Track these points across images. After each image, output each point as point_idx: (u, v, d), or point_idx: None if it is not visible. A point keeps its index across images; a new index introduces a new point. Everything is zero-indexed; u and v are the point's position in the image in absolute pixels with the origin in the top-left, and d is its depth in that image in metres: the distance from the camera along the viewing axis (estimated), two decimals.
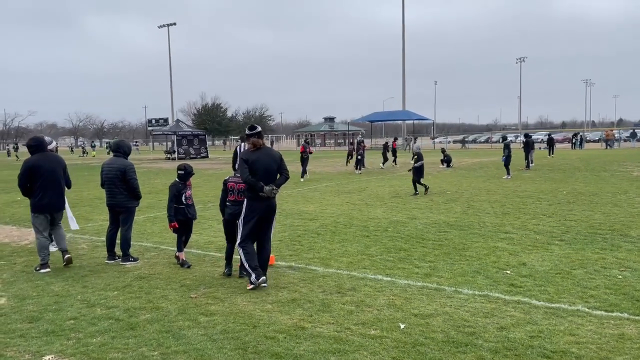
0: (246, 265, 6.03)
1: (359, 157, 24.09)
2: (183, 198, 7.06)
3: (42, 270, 6.85)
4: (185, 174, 7.12)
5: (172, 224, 7.00)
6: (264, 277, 5.95)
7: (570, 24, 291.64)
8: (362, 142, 26.15)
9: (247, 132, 6.22)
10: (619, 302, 5.29)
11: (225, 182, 6.61)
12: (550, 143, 34.96)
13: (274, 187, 5.97)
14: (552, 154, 33.87)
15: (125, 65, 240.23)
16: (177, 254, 7.17)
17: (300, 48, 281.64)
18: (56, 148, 9.18)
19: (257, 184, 5.92)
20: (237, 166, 13.06)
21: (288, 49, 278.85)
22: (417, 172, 14.87)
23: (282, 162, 6.20)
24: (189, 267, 6.94)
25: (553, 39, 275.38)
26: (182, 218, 7.04)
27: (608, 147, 46.34)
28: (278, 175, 6.16)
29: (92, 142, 69.82)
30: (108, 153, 45.37)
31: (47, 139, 8.74)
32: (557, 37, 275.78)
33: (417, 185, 14.85)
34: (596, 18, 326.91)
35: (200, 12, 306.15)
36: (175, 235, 7.25)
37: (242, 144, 13.08)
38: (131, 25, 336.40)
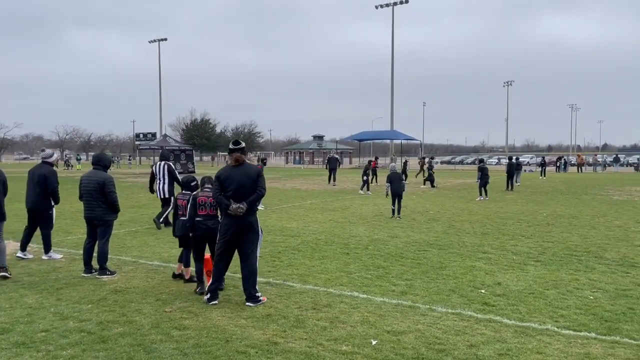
0: (206, 284, 6.24)
1: (365, 177, 22.84)
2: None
3: None
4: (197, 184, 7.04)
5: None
6: (215, 302, 5.98)
7: (553, 52, 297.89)
8: (371, 162, 25.65)
9: (230, 146, 6.18)
10: (587, 322, 5.38)
11: (194, 197, 6.50)
12: (543, 165, 38.30)
13: (240, 205, 5.84)
14: (544, 175, 36.44)
15: (113, 79, 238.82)
16: (188, 269, 6.99)
17: (287, 68, 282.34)
18: (57, 160, 9.29)
19: (223, 201, 5.91)
20: (154, 186, 11.98)
21: (275, 69, 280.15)
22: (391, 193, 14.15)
23: (258, 178, 6.03)
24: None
25: (538, 64, 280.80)
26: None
27: (580, 171, 47.28)
28: None
29: (77, 155, 69.02)
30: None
31: (48, 151, 8.87)
32: (542, 62, 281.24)
33: (394, 205, 14.03)
34: (575, 46, 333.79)
35: (185, 29, 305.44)
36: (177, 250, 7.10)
37: (160, 162, 11.83)
38: (117, 40, 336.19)
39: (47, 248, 8.41)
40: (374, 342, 4.80)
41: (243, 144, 6.28)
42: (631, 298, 6.26)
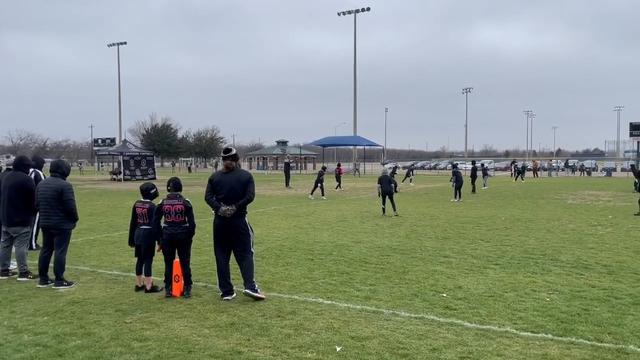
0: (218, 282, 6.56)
1: (320, 184, 22.74)
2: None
3: None
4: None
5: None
6: (228, 298, 6.40)
7: (502, 59, 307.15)
8: (325, 168, 25.65)
9: (222, 154, 6.63)
10: (545, 324, 5.55)
11: (160, 206, 6.64)
12: (518, 170, 41.39)
13: (229, 208, 6.26)
14: (522, 179, 39.47)
15: (62, 82, 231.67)
16: (149, 279, 6.81)
17: (243, 73, 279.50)
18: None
19: (213, 203, 6.38)
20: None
21: (228, 74, 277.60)
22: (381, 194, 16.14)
23: (248, 184, 6.48)
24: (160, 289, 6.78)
25: (491, 72, 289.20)
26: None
27: (535, 176, 48.80)
28: None
29: None
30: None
31: (13, 158, 8.63)
32: (494, 70, 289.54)
33: (384, 204, 16.09)
34: (513, 55, 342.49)
35: (126, 34, 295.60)
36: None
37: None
38: (60, 44, 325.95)
39: None
40: (338, 349, 4.81)
41: (234, 151, 6.66)
42: (585, 299, 6.49)
